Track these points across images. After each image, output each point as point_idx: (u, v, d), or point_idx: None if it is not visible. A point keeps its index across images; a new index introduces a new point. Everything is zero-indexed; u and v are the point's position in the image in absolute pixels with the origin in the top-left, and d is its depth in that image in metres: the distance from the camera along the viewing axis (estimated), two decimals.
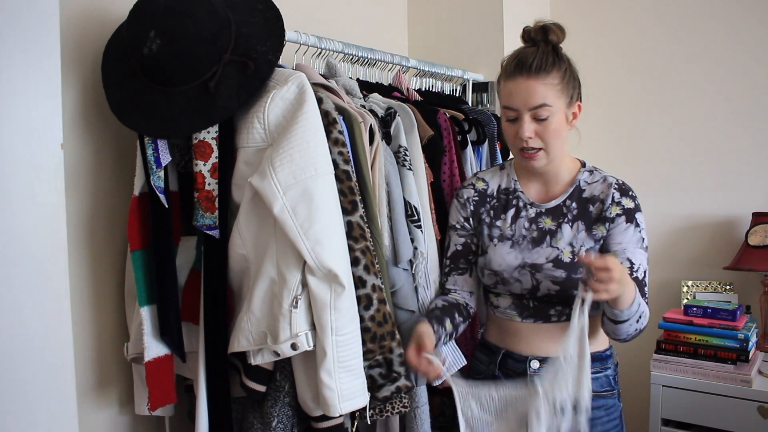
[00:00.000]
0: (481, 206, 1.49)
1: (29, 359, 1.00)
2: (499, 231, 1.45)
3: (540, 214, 1.42)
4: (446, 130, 1.76)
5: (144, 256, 1.32)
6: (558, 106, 1.33)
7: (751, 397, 1.90)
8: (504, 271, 1.41)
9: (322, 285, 1.22)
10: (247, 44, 1.28)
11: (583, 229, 1.38)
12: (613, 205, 1.38)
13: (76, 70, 1.35)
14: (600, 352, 1.42)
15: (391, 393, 1.33)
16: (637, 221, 1.38)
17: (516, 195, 1.46)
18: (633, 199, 1.39)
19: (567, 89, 1.35)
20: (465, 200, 1.51)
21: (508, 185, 1.48)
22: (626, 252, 1.36)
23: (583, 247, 1.37)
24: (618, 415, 1.43)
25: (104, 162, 1.42)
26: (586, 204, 1.40)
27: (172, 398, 1.35)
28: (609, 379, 1.42)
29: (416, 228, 1.53)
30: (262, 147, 1.26)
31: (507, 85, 1.36)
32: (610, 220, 1.37)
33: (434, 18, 2.44)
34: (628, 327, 1.31)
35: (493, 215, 1.47)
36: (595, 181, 1.42)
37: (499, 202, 1.48)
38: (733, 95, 2.31)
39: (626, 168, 2.49)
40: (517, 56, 1.35)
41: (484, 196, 1.50)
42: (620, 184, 1.41)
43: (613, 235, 1.37)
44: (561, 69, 1.34)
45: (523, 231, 1.42)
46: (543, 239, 1.40)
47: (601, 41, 2.54)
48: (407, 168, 1.57)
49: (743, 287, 2.27)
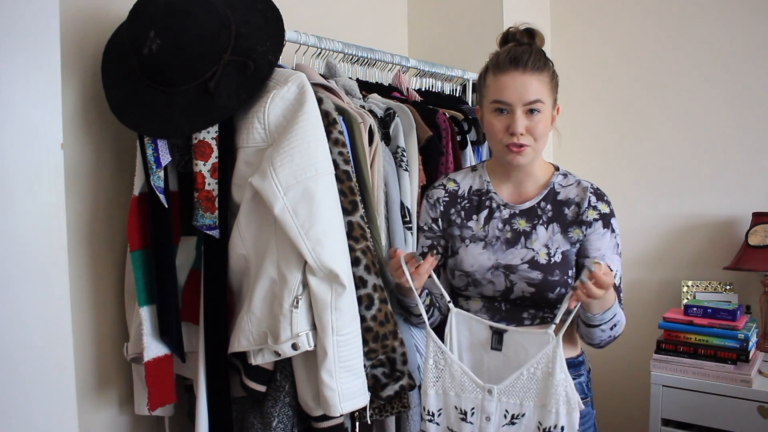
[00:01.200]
0: (452, 207, 1.47)
1: (29, 359, 1.00)
2: (471, 232, 1.43)
3: (514, 216, 1.41)
4: (445, 130, 1.76)
5: (144, 256, 1.32)
6: (548, 103, 1.34)
7: (751, 397, 1.90)
8: (476, 272, 1.39)
9: (322, 285, 1.22)
10: (247, 44, 1.28)
11: (558, 231, 1.38)
12: (590, 209, 1.37)
13: (76, 70, 1.35)
14: (572, 359, 1.40)
15: (395, 392, 1.34)
16: (613, 227, 1.39)
17: (489, 196, 1.44)
18: (608, 204, 1.40)
19: (554, 90, 1.37)
20: (435, 200, 1.49)
21: (481, 186, 1.46)
22: (605, 258, 1.36)
23: (558, 249, 1.36)
24: (592, 423, 1.42)
25: (104, 162, 1.42)
26: (561, 206, 1.39)
27: (172, 398, 1.35)
28: (582, 386, 1.40)
29: (407, 230, 1.53)
30: (263, 147, 1.26)
31: (499, 79, 1.33)
32: (586, 224, 1.37)
33: (434, 18, 2.44)
34: (601, 333, 1.32)
35: (464, 216, 1.45)
36: (569, 184, 1.42)
37: (471, 203, 1.46)
38: (733, 95, 2.31)
39: (626, 168, 2.50)
40: (509, 52, 1.34)
41: (455, 197, 1.48)
42: (595, 189, 1.41)
43: (591, 240, 1.37)
44: (550, 70, 1.36)
45: (496, 232, 1.41)
46: (517, 240, 1.38)
47: (600, 41, 2.54)
48: (404, 169, 1.57)
49: (743, 287, 2.27)
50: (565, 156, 2.48)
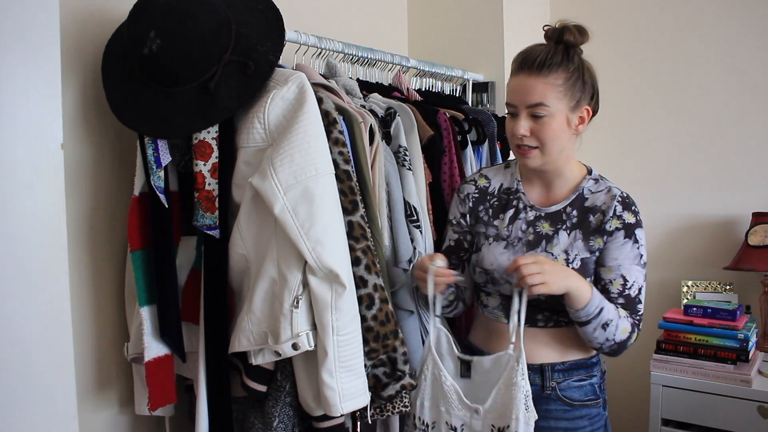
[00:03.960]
0: (481, 204, 1.48)
1: (29, 359, 1.00)
2: (495, 230, 1.43)
3: (539, 218, 1.41)
4: (446, 130, 1.76)
5: (144, 256, 1.32)
6: (558, 107, 1.31)
7: (751, 397, 1.90)
8: (495, 270, 1.40)
9: (323, 285, 1.22)
10: (247, 44, 1.28)
11: (580, 237, 1.37)
12: (614, 218, 1.35)
13: (76, 70, 1.35)
14: (585, 359, 1.40)
15: (396, 392, 1.34)
16: (637, 237, 1.36)
17: (517, 196, 1.45)
18: (635, 214, 1.37)
19: (572, 92, 1.32)
20: (465, 196, 1.50)
21: (511, 185, 1.47)
22: (621, 268, 1.35)
23: (578, 256, 1.35)
24: (602, 425, 1.41)
25: (104, 162, 1.42)
26: (587, 213, 1.38)
27: (172, 398, 1.35)
28: (594, 387, 1.40)
29: (415, 228, 1.53)
30: (263, 147, 1.26)
31: (511, 81, 1.36)
32: (608, 233, 1.35)
33: (434, 18, 2.44)
34: (593, 331, 1.31)
35: (491, 214, 1.46)
36: (599, 190, 1.40)
37: (499, 202, 1.46)
38: (733, 95, 2.31)
39: (626, 168, 2.50)
40: (524, 53, 1.35)
41: (485, 194, 1.49)
42: (624, 197, 1.38)
43: (610, 249, 1.36)
44: (568, 70, 1.31)
45: (519, 233, 1.41)
46: (538, 243, 1.38)
47: (600, 41, 2.52)
48: (407, 168, 1.57)
49: (743, 287, 2.27)
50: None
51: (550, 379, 1.36)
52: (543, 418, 1.35)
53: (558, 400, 1.37)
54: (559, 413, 1.36)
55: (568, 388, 1.37)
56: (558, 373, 1.37)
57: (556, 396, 1.36)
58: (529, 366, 1.36)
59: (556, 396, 1.37)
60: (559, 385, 1.37)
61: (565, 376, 1.37)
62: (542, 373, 1.37)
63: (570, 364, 1.38)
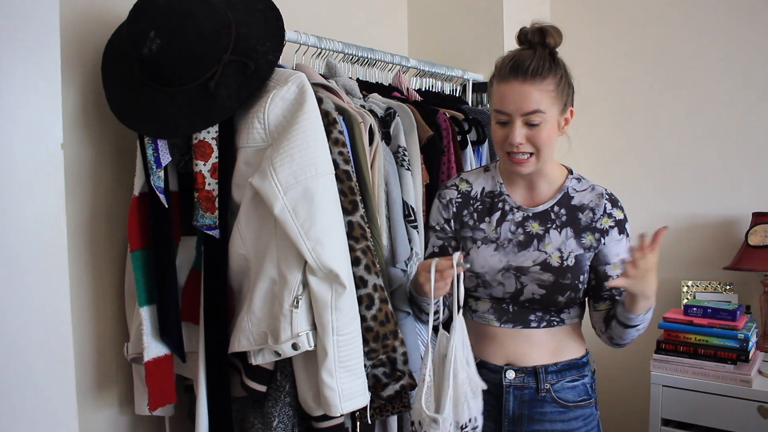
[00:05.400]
0: (464, 208, 1.45)
1: (29, 359, 1.00)
2: (483, 234, 1.42)
3: (527, 218, 1.40)
4: (446, 130, 1.76)
5: (144, 256, 1.32)
6: (551, 112, 1.30)
7: (751, 397, 1.90)
8: (486, 273, 1.38)
9: (322, 285, 1.22)
10: (247, 44, 1.28)
11: (572, 236, 1.37)
12: (605, 216, 1.37)
13: (76, 70, 1.35)
14: (577, 359, 1.40)
15: (395, 392, 1.34)
16: (627, 232, 1.40)
17: (502, 198, 1.43)
18: (622, 210, 1.40)
19: (561, 96, 1.32)
20: (447, 201, 1.47)
21: (494, 188, 1.45)
22: None
23: (572, 254, 1.36)
24: (596, 425, 1.42)
25: (104, 162, 1.42)
26: (575, 211, 1.39)
27: (172, 398, 1.35)
28: (587, 387, 1.40)
29: (413, 228, 1.53)
30: (263, 147, 1.26)
31: (500, 88, 1.31)
32: (603, 232, 1.37)
33: (434, 18, 2.44)
34: (635, 332, 1.35)
35: (476, 218, 1.44)
36: (583, 189, 1.41)
37: (484, 205, 1.44)
38: (733, 95, 2.31)
39: (626, 168, 2.50)
40: (513, 58, 1.31)
41: (468, 198, 1.46)
42: (610, 195, 1.41)
43: (609, 247, 1.37)
44: (557, 75, 1.30)
45: (508, 234, 1.40)
46: (530, 243, 1.38)
47: (600, 41, 2.54)
48: (406, 168, 1.57)
49: (743, 287, 2.27)
50: (565, 156, 2.47)
51: (544, 381, 1.36)
52: (538, 421, 1.35)
53: (553, 402, 1.37)
54: (554, 415, 1.36)
55: (562, 389, 1.37)
56: (551, 374, 1.37)
57: (551, 398, 1.36)
58: (523, 369, 1.36)
59: (551, 398, 1.36)
60: (553, 387, 1.37)
61: (558, 377, 1.37)
62: (536, 375, 1.37)
63: (562, 365, 1.38)
